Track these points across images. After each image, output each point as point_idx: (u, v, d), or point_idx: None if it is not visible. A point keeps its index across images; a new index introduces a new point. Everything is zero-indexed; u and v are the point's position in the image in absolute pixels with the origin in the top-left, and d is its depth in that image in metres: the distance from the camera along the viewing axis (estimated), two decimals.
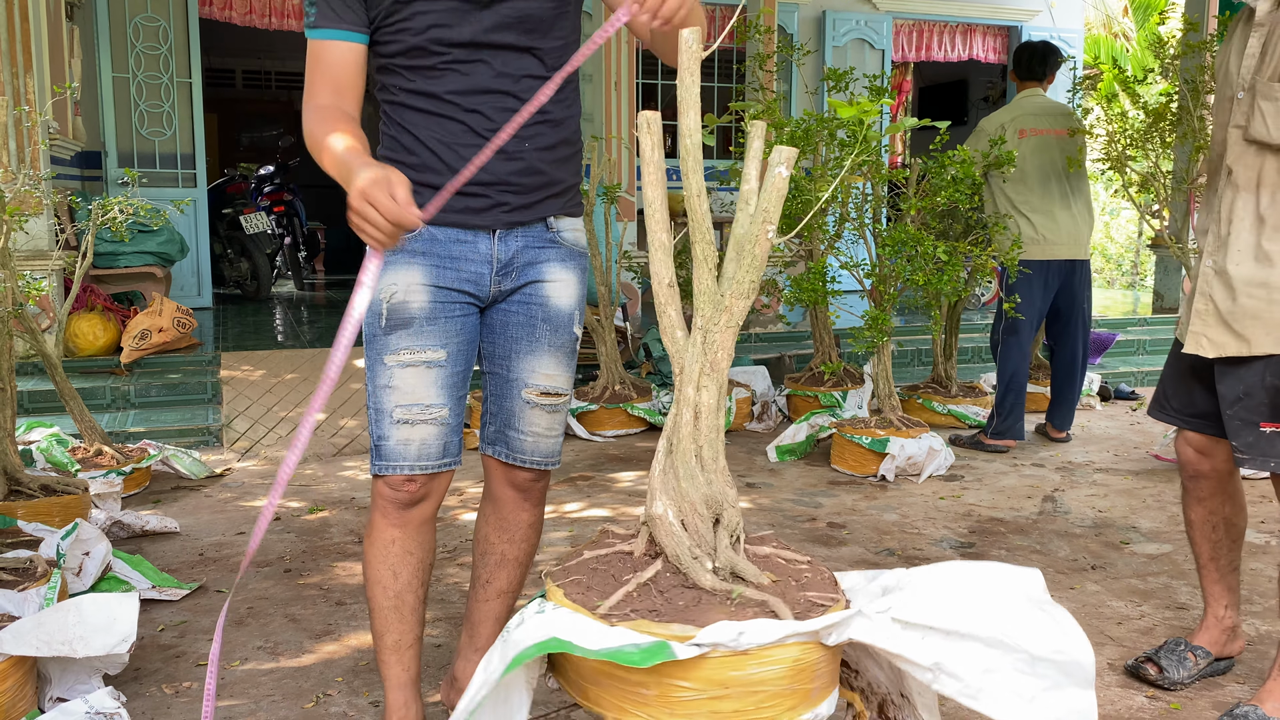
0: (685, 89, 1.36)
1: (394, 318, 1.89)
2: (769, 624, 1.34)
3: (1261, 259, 2.14)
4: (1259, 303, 2.14)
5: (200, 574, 3.23)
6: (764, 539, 1.63)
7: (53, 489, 3.34)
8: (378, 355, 1.91)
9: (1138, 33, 12.67)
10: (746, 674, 1.33)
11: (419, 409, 1.90)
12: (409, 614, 2.01)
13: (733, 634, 1.31)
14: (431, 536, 2.03)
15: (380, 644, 2.02)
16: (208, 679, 1.58)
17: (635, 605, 1.43)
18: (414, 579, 2.00)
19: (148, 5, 7.24)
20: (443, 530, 3.66)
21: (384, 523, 1.97)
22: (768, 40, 6.80)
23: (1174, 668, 2.43)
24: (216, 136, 12.76)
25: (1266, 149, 2.13)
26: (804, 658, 1.36)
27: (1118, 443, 5.09)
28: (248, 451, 4.85)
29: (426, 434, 1.92)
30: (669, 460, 1.49)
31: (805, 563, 1.55)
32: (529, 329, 1.99)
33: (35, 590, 2.39)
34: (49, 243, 5.43)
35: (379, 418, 1.92)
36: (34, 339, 3.80)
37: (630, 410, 5.18)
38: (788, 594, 1.44)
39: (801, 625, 1.34)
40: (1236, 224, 2.18)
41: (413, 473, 1.93)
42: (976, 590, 1.40)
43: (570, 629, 1.39)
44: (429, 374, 1.91)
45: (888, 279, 4.46)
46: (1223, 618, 2.49)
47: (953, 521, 3.77)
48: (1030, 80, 4.93)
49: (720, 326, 1.43)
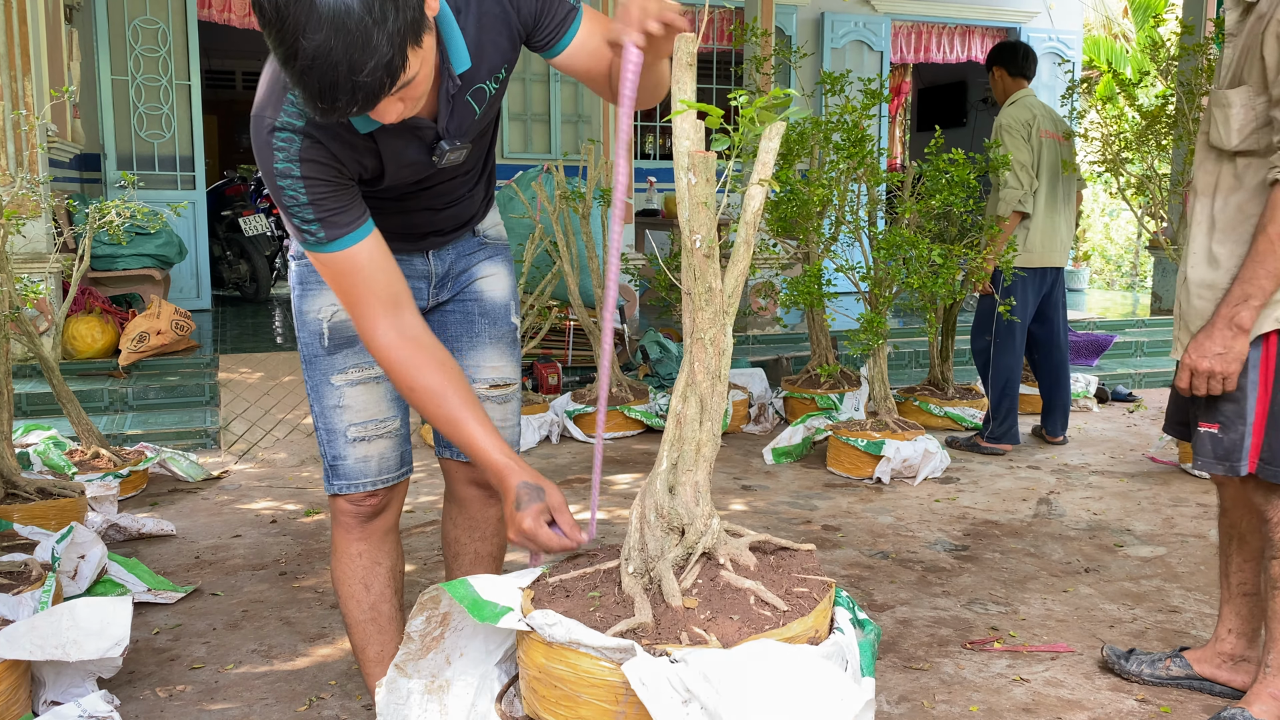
0: (680, 89, 1.36)
1: (337, 336, 1.88)
2: (574, 625, 1.36)
3: (1211, 261, 2.14)
4: (1206, 304, 2.14)
5: (196, 577, 3.24)
6: (761, 546, 1.62)
7: (49, 492, 3.35)
8: (323, 376, 1.89)
9: (1137, 34, 12.68)
10: (553, 666, 1.40)
11: (374, 424, 1.90)
12: (387, 624, 2.01)
13: (547, 622, 1.39)
14: (397, 544, 2.03)
15: (363, 658, 2.02)
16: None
17: (571, 588, 1.53)
18: (387, 589, 2.00)
19: (147, 8, 7.26)
20: (434, 535, 3.66)
21: (348, 538, 1.97)
22: (765, 42, 6.81)
23: (1139, 663, 2.43)
24: (216, 138, 12.79)
25: (1224, 155, 2.13)
26: (594, 672, 1.37)
27: (1114, 445, 5.10)
28: (245, 454, 4.86)
29: (384, 448, 1.92)
30: (653, 468, 1.50)
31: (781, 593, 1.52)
32: (467, 326, 2.00)
33: (30, 594, 2.40)
34: (47, 245, 5.44)
35: (332, 438, 1.90)
36: (31, 341, 3.81)
37: (627, 413, 5.19)
38: (717, 621, 1.41)
39: (596, 638, 1.35)
40: (1194, 229, 2.18)
41: (375, 488, 1.93)
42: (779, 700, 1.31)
43: (484, 584, 1.53)
44: (379, 388, 1.90)
45: (883, 282, 4.47)
46: (1223, 640, 2.38)
47: (947, 524, 3.78)
48: (1022, 78, 4.85)
49: (693, 338, 1.44)
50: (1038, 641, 2.73)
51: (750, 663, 1.29)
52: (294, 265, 1.94)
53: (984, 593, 3.09)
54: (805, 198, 4.67)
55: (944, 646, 2.70)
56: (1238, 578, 2.34)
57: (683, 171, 1.37)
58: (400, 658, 1.62)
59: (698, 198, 1.37)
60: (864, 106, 4.59)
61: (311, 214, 1.53)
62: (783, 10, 9.18)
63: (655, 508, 1.49)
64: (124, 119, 7.31)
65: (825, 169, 4.77)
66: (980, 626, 2.84)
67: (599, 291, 5.29)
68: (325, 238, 1.56)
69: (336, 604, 3.00)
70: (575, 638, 1.35)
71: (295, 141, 1.51)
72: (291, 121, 1.52)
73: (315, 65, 1.29)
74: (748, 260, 1.43)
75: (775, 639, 1.35)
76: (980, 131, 12.05)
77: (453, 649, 1.62)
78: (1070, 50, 10.57)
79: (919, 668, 2.58)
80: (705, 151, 1.37)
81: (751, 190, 1.38)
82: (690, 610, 1.42)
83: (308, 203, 1.53)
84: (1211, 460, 2.15)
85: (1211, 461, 2.15)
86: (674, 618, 1.40)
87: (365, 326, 1.63)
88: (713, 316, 1.42)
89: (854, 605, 1.60)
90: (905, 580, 3.20)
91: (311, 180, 1.52)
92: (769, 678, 1.28)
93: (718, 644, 1.34)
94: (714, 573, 1.49)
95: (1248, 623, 2.35)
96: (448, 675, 1.62)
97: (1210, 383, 2.08)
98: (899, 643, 2.72)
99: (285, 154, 1.51)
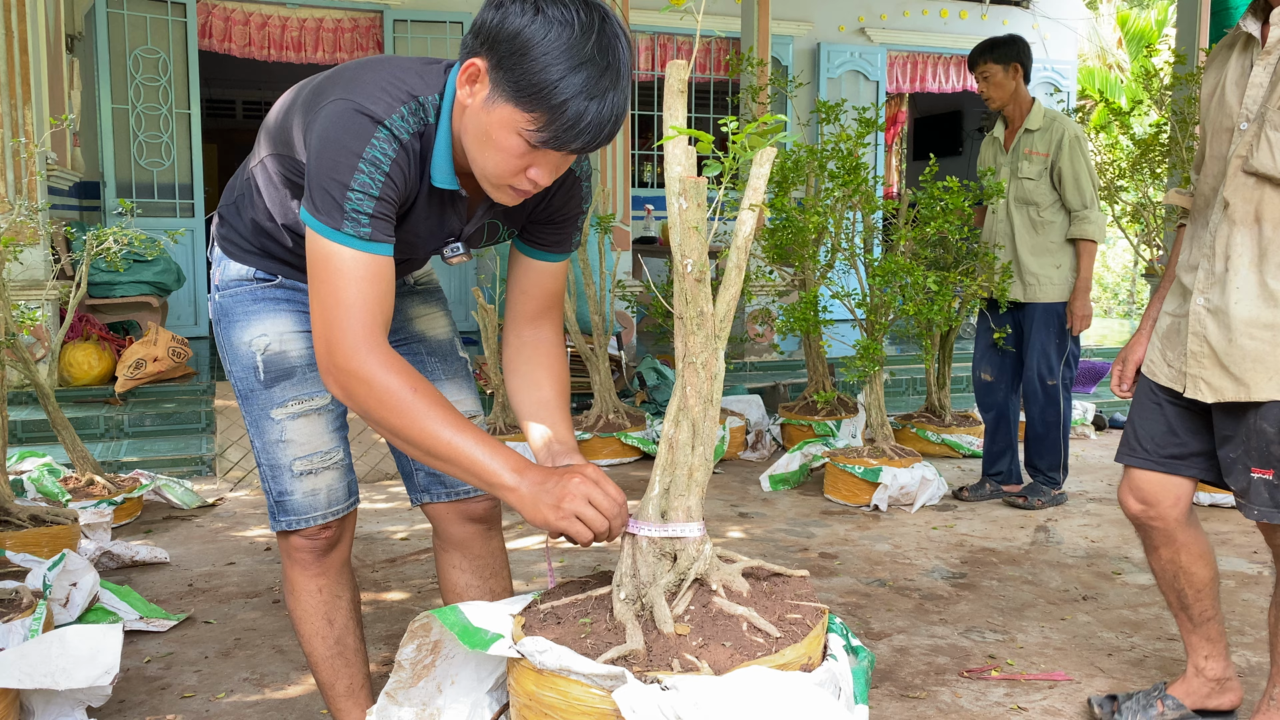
0: (671, 115, 1.37)
1: (273, 369, 1.83)
2: (564, 653, 1.34)
3: (1267, 299, 2.02)
4: (1262, 345, 2.02)
5: (189, 605, 3.22)
6: (755, 571, 1.61)
7: (42, 519, 3.34)
8: (262, 411, 1.84)
9: (1131, 64, 12.78)
10: (543, 694, 1.38)
11: (319, 457, 1.86)
12: (353, 657, 1.98)
13: (538, 649, 1.37)
14: (352, 576, 2.00)
15: (331, 694, 1.99)
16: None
17: (562, 615, 1.51)
18: (349, 620, 1.97)
19: (148, 37, 7.31)
20: (427, 563, 3.65)
21: (304, 575, 1.93)
22: (761, 72, 6.86)
23: (1131, 712, 2.34)
24: (216, 167, 12.85)
25: (1266, 181, 2.02)
26: (585, 700, 1.35)
27: (1112, 472, 5.08)
28: (240, 481, 4.84)
29: (331, 480, 1.88)
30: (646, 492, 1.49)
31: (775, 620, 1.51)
32: (419, 367, 1.95)
33: (20, 621, 2.38)
34: (45, 272, 5.45)
35: (277, 474, 1.86)
36: (27, 368, 3.81)
37: (624, 439, 5.18)
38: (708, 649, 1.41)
39: (587, 665, 1.33)
40: (1235, 260, 2.07)
41: (326, 520, 1.89)
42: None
43: (475, 611, 1.51)
44: (320, 420, 1.86)
45: (879, 309, 4.47)
46: (1203, 669, 2.34)
47: (945, 551, 3.76)
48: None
49: (685, 362, 1.44)
50: (1035, 670, 2.71)
51: (742, 690, 1.28)
52: (216, 298, 1.88)
53: (981, 621, 3.07)
54: (801, 225, 4.69)
55: (941, 675, 2.68)
56: (1197, 608, 2.31)
57: (674, 197, 1.37)
58: (391, 686, 1.61)
59: (689, 222, 1.37)
60: (859, 135, 4.62)
61: (372, 207, 1.49)
62: (779, 41, 9.26)
63: (648, 536, 1.48)
64: (124, 147, 7.35)
65: (821, 197, 4.79)
66: (978, 655, 2.82)
67: (596, 318, 5.30)
68: (369, 235, 1.50)
69: None
70: (566, 665, 1.34)
71: (393, 146, 1.51)
72: (398, 131, 1.51)
73: (618, 105, 1.45)
74: (739, 285, 1.43)
75: (768, 666, 1.34)
76: (976, 161, 12.12)
77: (444, 677, 1.61)
78: (1065, 80, 10.66)
79: (916, 696, 2.56)
80: (696, 176, 1.37)
81: (743, 215, 1.39)
82: (682, 637, 1.41)
83: (378, 196, 1.50)
84: (1271, 508, 2.06)
85: (1272, 510, 2.06)
86: (666, 645, 1.39)
87: (358, 337, 1.49)
88: (704, 341, 1.42)
89: (847, 632, 1.59)
90: (902, 608, 3.18)
91: (389, 183, 1.51)
92: (761, 706, 1.26)
93: (709, 671, 1.33)
94: (706, 599, 1.48)
95: (1218, 643, 2.35)
96: (439, 703, 1.60)
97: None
98: (896, 671, 2.70)
99: (380, 150, 1.49)
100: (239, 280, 1.85)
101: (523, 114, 1.43)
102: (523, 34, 1.40)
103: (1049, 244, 4.24)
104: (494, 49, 1.43)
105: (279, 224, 1.77)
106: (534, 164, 1.50)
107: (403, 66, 1.58)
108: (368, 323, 1.50)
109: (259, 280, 1.85)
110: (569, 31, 1.40)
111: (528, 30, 1.40)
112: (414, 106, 1.53)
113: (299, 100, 1.64)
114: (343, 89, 1.53)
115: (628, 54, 1.46)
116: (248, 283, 1.85)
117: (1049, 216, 4.24)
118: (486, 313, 5.02)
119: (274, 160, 1.70)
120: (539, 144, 1.45)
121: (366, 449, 5.07)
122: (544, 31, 1.40)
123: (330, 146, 1.49)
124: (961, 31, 10.26)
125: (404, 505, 4.46)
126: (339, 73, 1.61)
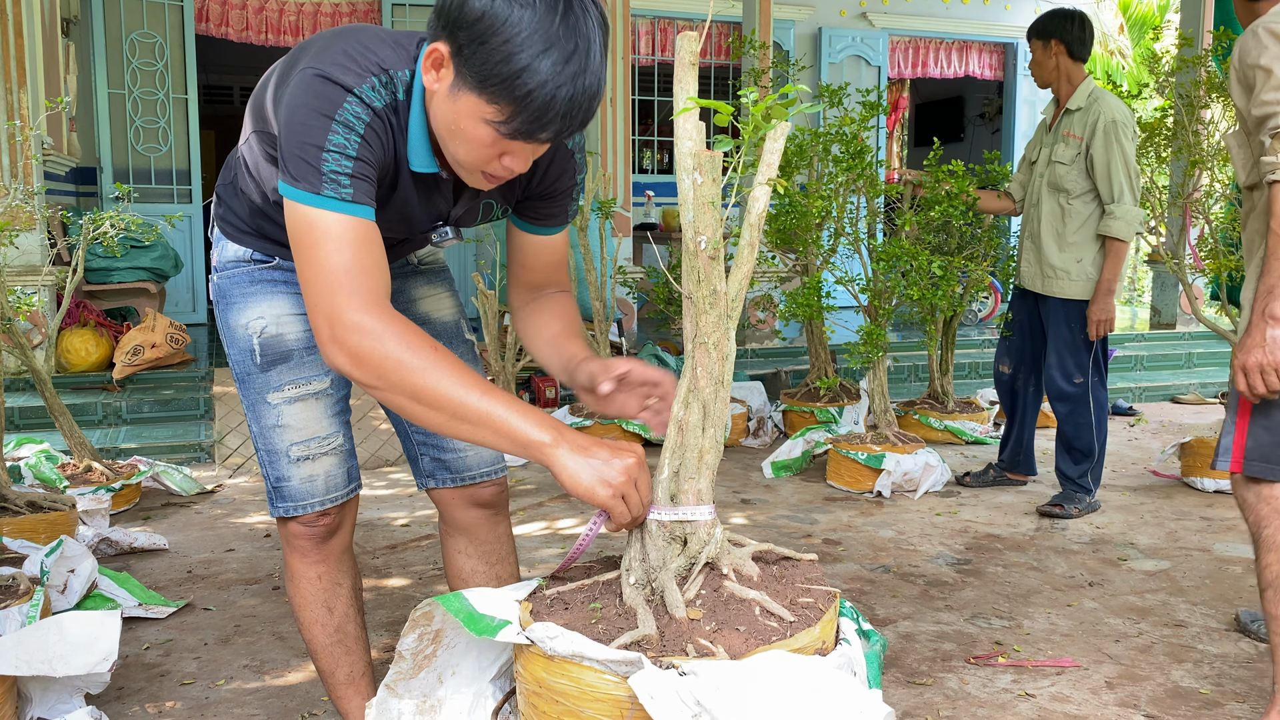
0: (682, 89, 1.33)
1: (269, 352, 1.78)
2: (577, 638, 1.31)
3: None
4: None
5: (188, 591, 3.20)
6: (762, 556, 1.58)
7: (39, 506, 3.31)
8: (259, 395, 1.80)
9: (1134, 49, 12.72)
10: (553, 680, 1.35)
11: (317, 442, 1.82)
12: (354, 644, 1.95)
13: (548, 635, 1.33)
14: (354, 563, 1.97)
15: (332, 682, 1.96)
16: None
17: (570, 600, 1.48)
18: (350, 608, 1.94)
19: (144, 21, 7.25)
20: (429, 549, 3.63)
21: (304, 562, 1.89)
22: (763, 55, 6.81)
23: None
24: (214, 153, 12.78)
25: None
26: (598, 686, 1.32)
27: (1116, 459, 5.06)
28: (239, 468, 4.81)
29: (330, 465, 1.84)
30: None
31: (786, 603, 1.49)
32: None
33: (17, 608, 2.36)
34: (41, 258, 5.41)
35: (274, 459, 1.82)
36: (24, 354, 3.78)
37: (625, 426, 5.15)
38: (722, 631, 1.38)
39: (601, 651, 1.30)
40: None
41: (325, 507, 1.85)
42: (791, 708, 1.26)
43: (480, 597, 1.48)
44: (318, 405, 1.82)
45: (882, 294, 4.44)
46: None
47: (949, 538, 3.74)
48: (1082, 62, 3.99)
49: (695, 343, 1.41)
50: (1042, 656, 2.69)
51: (762, 675, 1.25)
52: (215, 279, 1.85)
53: (987, 607, 3.05)
54: (804, 209, 4.65)
55: (948, 661, 2.66)
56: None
57: (686, 173, 1.33)
58: (391, 677, 1.58)
59: (703, 198, 1.33)
60: (862, 118, 4.58)
61: (350, 167, 1.42)
62: (780, 25, 9.20)
63: (655, 519, 1.45)
64: (121, 133, 7.30)
65: (824, 181, 4.75)
66: (984, 641, 2.79)
67: (597, 304, 5.26)
68: (351, 196, 1.42)
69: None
70: (578, 651, 1.31)
71: (366, 111, 1.44)
72: (369, 99, 1.45)
73: (590, 87, 1.38)
74: (752, 263, 1.39)
75: (783, 650, 1.31)
76: (978, 146, 12.07)
77: (445, 667, 1.58)
78: None
79: (922, 683, 2.53)
80: (711, 150, 1.34)
81: (756, 191, 1.35)
82: (694, 622, 1.38)
83: (355, 156, 1.43)
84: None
85: None
86: (678, 629, 1.36)
87: (363, 299, 1.40)
88: (717, 320, 1.38)
89: (858, 616, 1.56)
90: (907, 595, 3.16)
91: (365, 145, 1.44)
92: (783, 690, 1.23)
93: (725, 656, 1.30)
94: (717, 583, 1.45)
95: None
96: (440, 694, 1.57)
97: (1265, 377, 2.04)
98: (902, 658, 2.68)
99: (352, 113, 1.43)
100: (236, 261, 1.82)
101: (487, 105, 1.37)
102: (484, 18, 1.32)
103: (1074, 236, 3.92)
104: (454, 34, 1.36)
105: (271, 201, 1.73)
106: (507, 151, 1.44)
107: (377, 37, 1.52)
108: (370, 285, 1.41)
109: (256, 261, 1.81)
110: (531, 13, 1.32)
111: (489, 13, 1.32)
112: (385, 79, 1.47)
113: (275, 74, 1.59)
114: (312, 57, 1.47)
115: (601, 26, 1.38)
116: (245, 264, 1.81)
117: (1079, 207, 3.91)
118: (487, 298, 4.98)
119: (256, 138, 1.65)
120: (507, 135, 1.39)
121: (367, 435, 5.04)
122: (505, 13, 1.32)
123: (300, 111, 1.42)
124: (963, 16, 10.20)
125: (405, 492, 4.44)
126: (311, 41, 1.56)
